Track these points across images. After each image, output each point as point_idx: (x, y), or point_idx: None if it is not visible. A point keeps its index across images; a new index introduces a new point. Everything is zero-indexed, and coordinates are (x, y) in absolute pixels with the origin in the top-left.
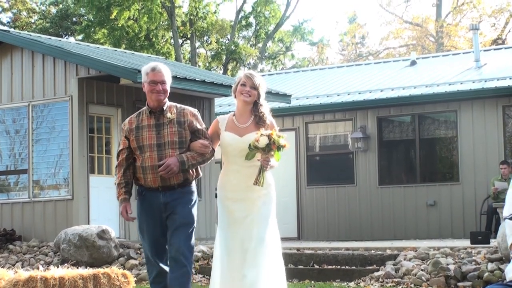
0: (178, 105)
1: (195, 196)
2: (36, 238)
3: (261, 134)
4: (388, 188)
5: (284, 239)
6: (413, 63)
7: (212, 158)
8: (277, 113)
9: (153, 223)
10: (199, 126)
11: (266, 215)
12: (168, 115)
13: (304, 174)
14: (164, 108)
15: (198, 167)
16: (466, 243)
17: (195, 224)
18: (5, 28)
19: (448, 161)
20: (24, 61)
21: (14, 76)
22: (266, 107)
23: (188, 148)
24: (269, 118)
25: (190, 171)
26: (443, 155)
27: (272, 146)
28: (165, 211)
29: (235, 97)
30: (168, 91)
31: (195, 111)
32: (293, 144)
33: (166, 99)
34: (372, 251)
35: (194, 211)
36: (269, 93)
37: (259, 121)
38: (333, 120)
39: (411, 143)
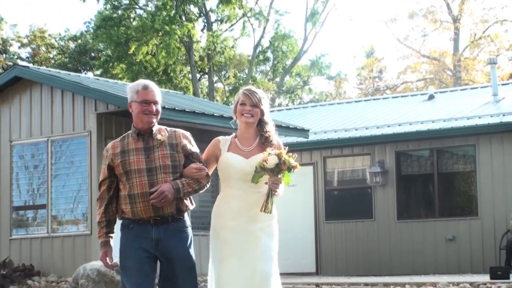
0: (168, 128)
1: (190, 232)
2: (55, 273)
3: (269, 154)
4: (406, 223)
5: (302, 274)
6: (431, 97)
7: (208, 186)
8: (295, 148)
9: (141, 258)
10: (193, 149)
11: (270, 249)
12: (158, 136)
13: (322, 209)
14: (154, 130)
15: (191, 197)
16: (486, 278)
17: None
18: (24, 63)
19: (466, 196)
20: (43, 97)
21: (33, 111)
22: (271, 125)
23: (181, 174)
24: (275, 138)
25: (184, 200)
26: (462, 190)
27: (282, 167)
28: (156, 249)
29: (236, 118)
30: (160, 112)
31: (187, 133)
32: (311, 179)
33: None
34: (391, 287)
35: (192, 250)
36: (287, 127)
37: (265, 142)
38: (351, 154)
39: (430, 178)
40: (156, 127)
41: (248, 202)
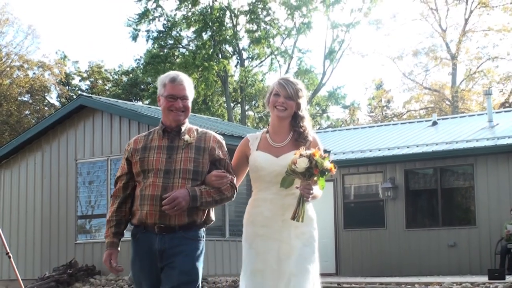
0: (200, 129)
1: (201, 245)
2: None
3: (300, 155)
4: (414, 231)
5: (324, 274)
6: (435, 123)
7: (233, 199)
8: None
9: (149, 274)
10: (221, 156)
11: (307, 261)
12: (186, 137)
13: (341, 218)
14: (182, 129)
15: (211, 209)
16: (484, 279)
17: (199, 283)
18: (85, 94)
19: (466, 208)
20: (104, 122)
21: (95, 134)
22: (308, 120)
23: (203, 182)
24: (311, 134)
25: (200, 211)
26: (462, 203)
27: (314, 171)
28: (161, 261)
29: (269, 109)
30: (190, 109)
31: (219, 137)
32: (332, 193)
33: (187, 120)
34: (403, 285)
35: (199, 264)
36: None
37: (299, 138)
38: (366, 172)
39: (434, 192)
40: (185, 126)
41: (281, 206)
